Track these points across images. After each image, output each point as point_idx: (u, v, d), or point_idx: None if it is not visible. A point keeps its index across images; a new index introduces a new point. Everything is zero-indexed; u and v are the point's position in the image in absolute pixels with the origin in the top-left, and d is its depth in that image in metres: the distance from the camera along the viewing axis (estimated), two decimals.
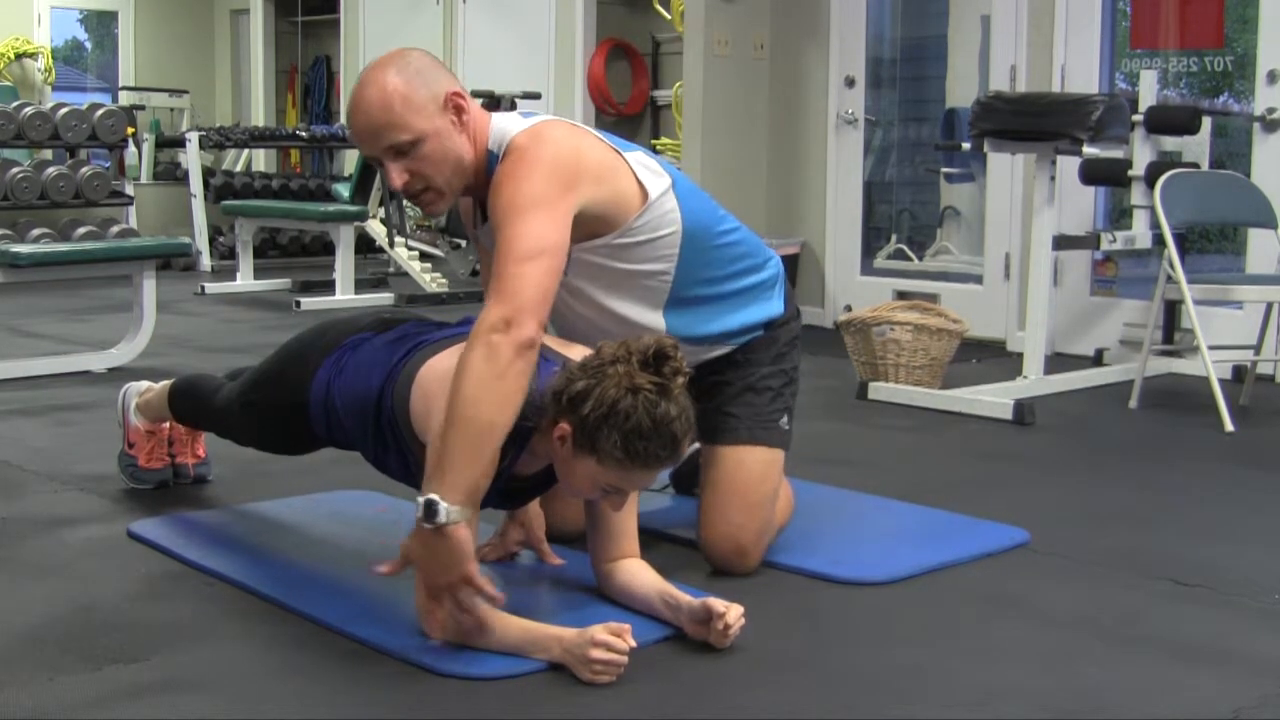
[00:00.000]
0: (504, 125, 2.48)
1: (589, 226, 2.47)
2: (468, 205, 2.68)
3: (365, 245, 8.10)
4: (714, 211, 2.72)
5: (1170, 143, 5.22)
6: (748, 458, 2.72)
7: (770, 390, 2.79)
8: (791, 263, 6.65)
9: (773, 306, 2.80)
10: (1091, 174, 5.32)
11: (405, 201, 8.12)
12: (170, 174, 9.92)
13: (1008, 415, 4.28)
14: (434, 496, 2.13)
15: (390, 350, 2.42)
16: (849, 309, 6.07)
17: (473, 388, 2.16)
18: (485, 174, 2.46)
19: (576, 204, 2.40)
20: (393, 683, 2.10)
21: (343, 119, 10.41)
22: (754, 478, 2.71)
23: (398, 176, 2.40)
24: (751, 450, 2.73)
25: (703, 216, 2.66)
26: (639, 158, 2.57)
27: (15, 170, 7.91)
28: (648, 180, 2.54)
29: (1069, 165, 5.23)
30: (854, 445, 4.00)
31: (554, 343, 2.37)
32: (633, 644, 2.08)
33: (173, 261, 8.13)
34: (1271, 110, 5.23)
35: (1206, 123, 5.14)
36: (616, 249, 2.54)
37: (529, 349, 2.20)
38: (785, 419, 2.80)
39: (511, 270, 2.26)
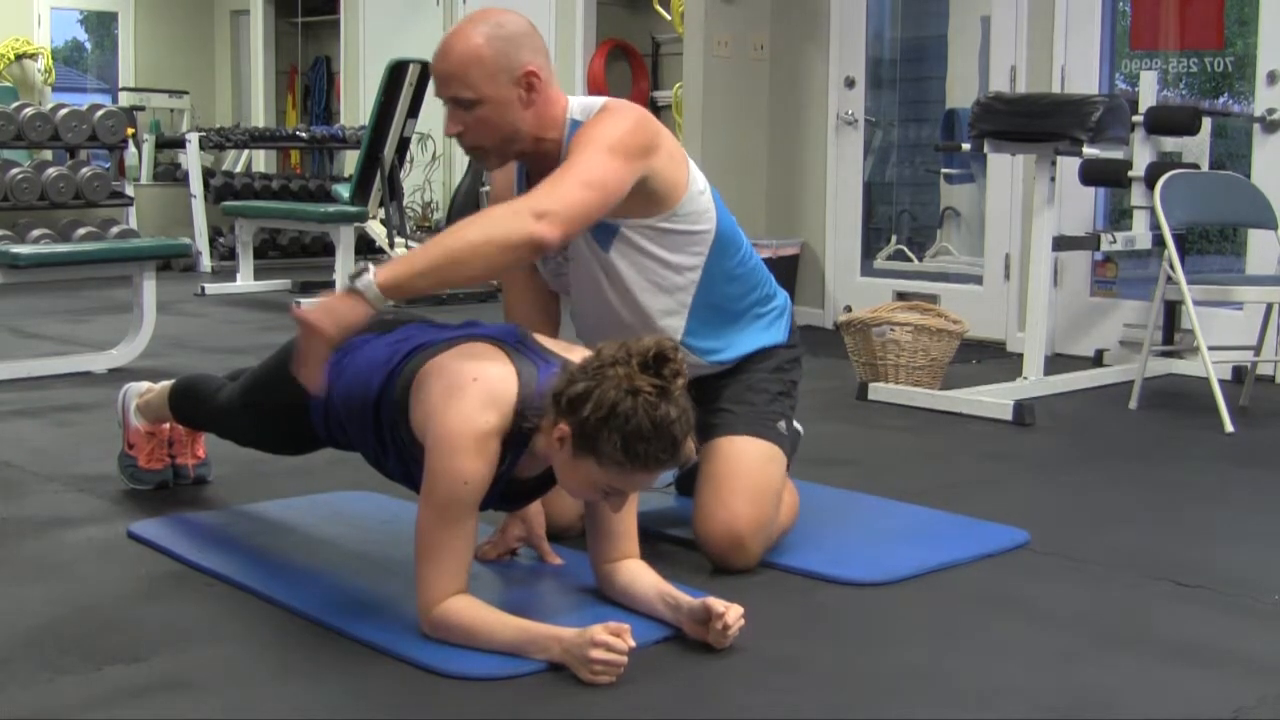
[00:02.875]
0: (589, 99, 2.64)
1: (644, 201, 2.58)
2: (506, 181, 2.76)
3: (365, 246, 8.10)
4: (739, 232, 2.82)
5: (1170, 143, 5.22)
6: (746, 448, 2.73)
7: (768, 393, 2.82)
8: (791, 263, 6.65)
9: (777, 334, 2.88)
10: (1091, 175, 5.32)
11: (405, 202, 8.13)
12: (170, 175, 9.92)
13: (1008, 416, 4.28)
14: (371, 268, 2.26)
15: (391, 351, 2.42)
16: (849, 309, 6.07)
17: (475, 227, 2.32)
18: (561, 143, 2.56)
19: (647, 168, 2.53)
20: (393, 683, 2.10)
21: (342, 119, 10.43)
22: (752, 467, 2.71)
23: (450, 126, 2.53)
24: (749, 441, 2.74)
25: (731, 230, 2.79)
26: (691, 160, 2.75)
27: (15, 171, 7.91)
28: (695, 173, 2.70)
29: (1069, 166, 5.23)
30: (854, 445, 4.00)
31: (553, 344, 2.37)
32: (632, 644, 2.08)
33: (173, 262, 8.13)
34: (1271, 111, 5.23)
35: (1206, 123, 5.14)
36: (659, 232, 2.65)
37: (538, 249, 2.36)
38: (783, 424, 2.82)
39: (569, 183, 2.39)
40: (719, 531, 2.66)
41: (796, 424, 3.01)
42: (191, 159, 8.79)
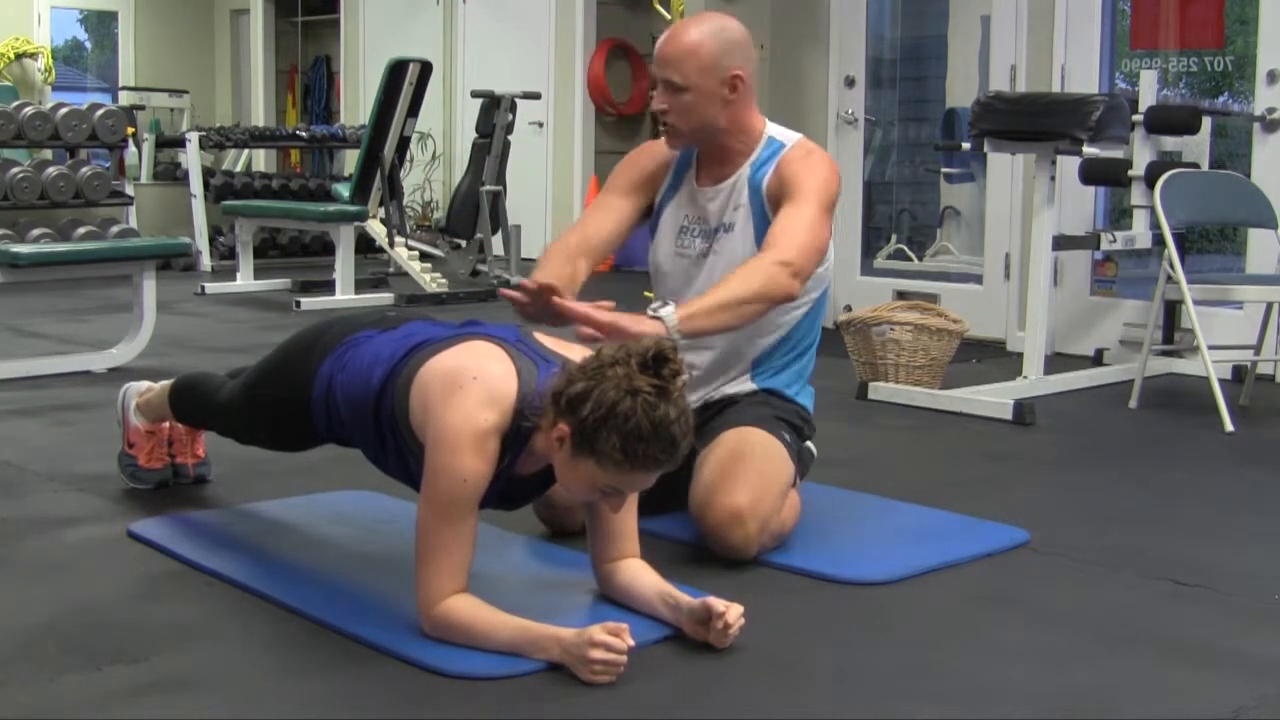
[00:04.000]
0: (783, 129, 2.95)
1: None
2: (659, 155, 2.99)
3: (365, 245, 8.11)
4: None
5: (1170, 143, 5.22)
6: (747, 435, 2.79)
7: (771, 409, 2.90)
8: None
9: (807, 400, 3.04)
10: (1091, 174, 5.32)
11: (405, 201, 8.13)
12: (170, 174, 9.92)
13: (1008, 415, 4.28)
14: (672, 305, 2.55)
15: (392, 349, 2.42)
16: (849, 309, 6.07)
17: (750, 283, 2.66)
18: (755, 147, 2.90)
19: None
20: (393, 683, 2.10)
21: (342, 119, 10.42)
22: (753, 451, 2.75)
23: (658, 101, 2.86)
24: (753, 430, 2.80)
25: (826, 296, 3.00)
26: None
27: (15, 170, 7.91)
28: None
29: (1069, 165, 5.23)
30: (854, 445, 4.00)
31: (553, 343, 2.37)
32: (631, 644, 2.08)
33: (173, 261, 8.12)
34: (1271, 110, 5.23)
35: (1206, 123, 5.15)
36: None
37: (786, 298, 2.73)
38: (786, 434, 2.87)
39: (808, 242, 2.74)
40: (717, 507, 2.66)
41: (811, 445, 3.05)
42: (191, 158, 8.78)
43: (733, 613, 2.21)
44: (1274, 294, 4.51)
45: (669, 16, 7.70)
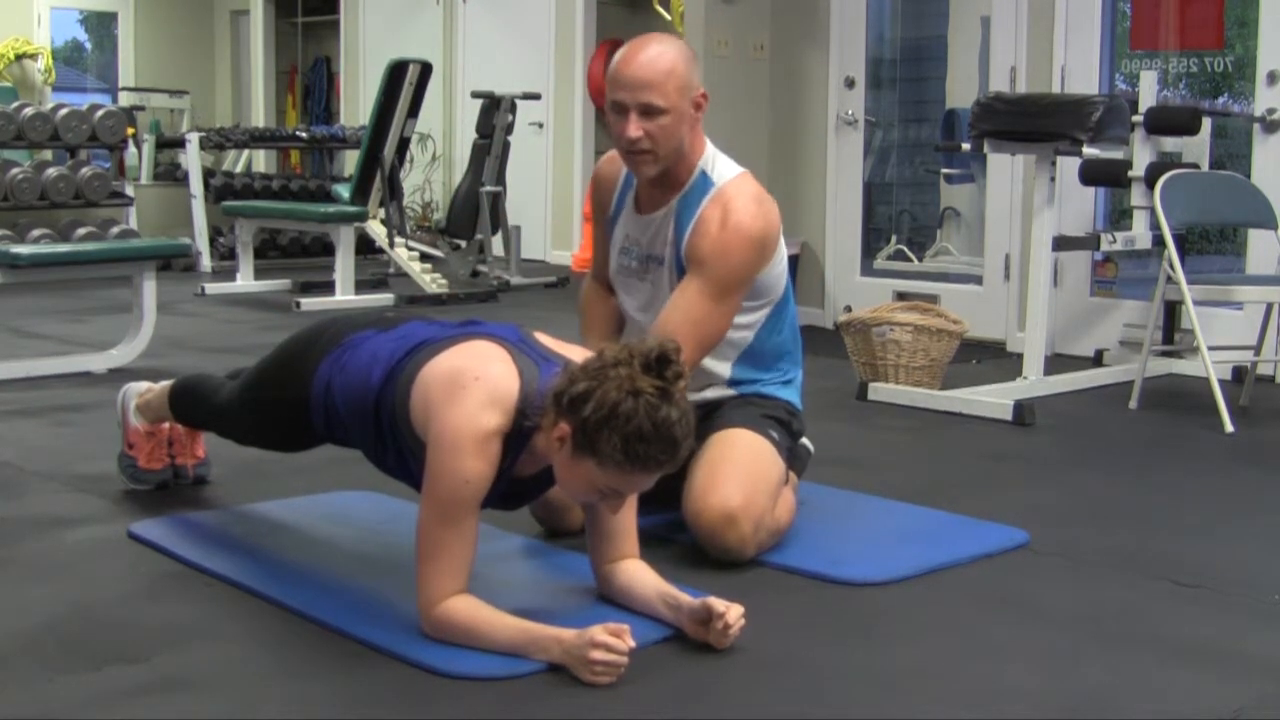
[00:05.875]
0: (726, 159, 2.87)
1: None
2: (609, 178, 2.97)
3: (365, 246, 8.10)
4: (791, 300, 2.99)
5: (1170, 143, 5.22)
6: (737, 437, 2.80)
7: (759, 408, 2.90)
8: (792, 263, 6.61)
9: (793, 396, 3.00)
10: (1091, 175, 5.32)
11: (405, 202, 8.13)
12: (170, 175, 9.92)
13: (1008, 416, 4.28)
14: None
15: (392, 349, 2.42)
16: (849, 309, 6.07)
17: None
18: (689, 179, 2.82)
19: (753, 283, 2.81)
20: (393, 683, 2.10)
21: (342, 119, 10.42)
22: (744, 454, 2.76)
23: (634, 128, 2.71)
24: (740, 431, 2.81)
25: (787, 298, 2.95)
26: None
27: (15, 171, 7.90)
28: (781, 247, 2.88)
29: (1069, 166, 5.23)
30: (854, 445, 4.00)
31: (554, 344, 2.37)
32: (632, 644, 2.08)
33: (173, 262, 8.10)
34: (1271, 111, 5.23)
35: (1206, 123, 5.15)
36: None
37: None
38: (775, 432, 2.88)
39: (697, 339, 2.70)
40: (710, 511, 2.67)
41: (807, 442, 3.04)
42: (191, 159, 8.78)
43: (733, 613, 2.21)
44: (1274, 294, 4.51)
45: (668, 17, 7.71)
